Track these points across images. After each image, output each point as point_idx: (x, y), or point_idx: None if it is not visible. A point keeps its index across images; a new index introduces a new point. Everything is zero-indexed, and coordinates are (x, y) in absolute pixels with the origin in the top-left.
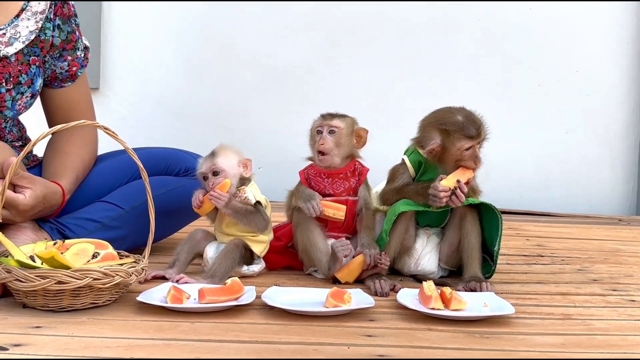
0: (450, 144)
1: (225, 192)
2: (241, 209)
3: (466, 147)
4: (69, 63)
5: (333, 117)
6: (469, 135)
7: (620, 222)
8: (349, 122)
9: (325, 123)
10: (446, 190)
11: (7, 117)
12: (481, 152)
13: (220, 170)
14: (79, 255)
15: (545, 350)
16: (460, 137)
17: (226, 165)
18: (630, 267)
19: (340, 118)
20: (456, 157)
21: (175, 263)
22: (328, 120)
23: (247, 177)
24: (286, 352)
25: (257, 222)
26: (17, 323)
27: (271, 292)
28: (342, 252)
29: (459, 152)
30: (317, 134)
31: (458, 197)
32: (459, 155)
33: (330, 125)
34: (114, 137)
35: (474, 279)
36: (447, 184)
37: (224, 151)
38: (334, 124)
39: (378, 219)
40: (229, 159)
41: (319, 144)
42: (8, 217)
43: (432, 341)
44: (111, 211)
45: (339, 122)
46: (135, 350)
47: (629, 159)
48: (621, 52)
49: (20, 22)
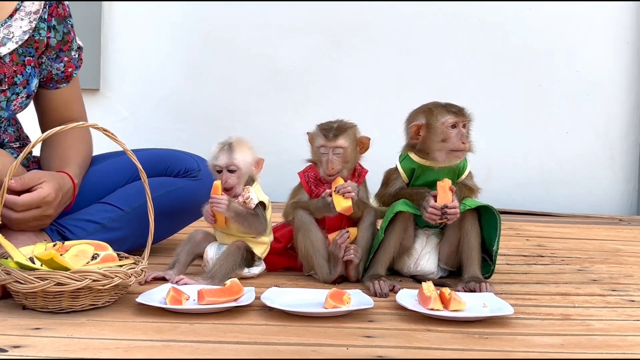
0: (434, 121)
1: (219, 194)
2: (242, 211)
3: (450, 123)
4: (65, 64)
5: (337, 137)
6: (451, 111)
7: (620, 222)
8: (352, 135)
9: (330, 145)
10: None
11: (2, 118)
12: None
13: (236, 169)
14: (78, 256)
15: (544, 351)
16: (443, 111)
17: (242, 163)
18: (630, 267)
19: (343, 134)
20: (442, 136)
21: (175, 264)
22: (332, 141)
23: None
24: (285, 353)
25: (256, 225)
26: (16, 324)
27: (270, 293)
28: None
29: (444, 129)
30: (322, 154)
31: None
32: (443, 132)
33: (335, 147)
34: (113, 138)
35: (473, 280)
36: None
37: (241, 147)
38: (339, 144)
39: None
40: (245, 157)
41: (328, 168)
42: (41, 214)
43: (431, 342)
44: (111, 212)
45: (343, 141)
46: (134, 351)
47: (629, 159)
48: (621, 51)
49: (13, 22)
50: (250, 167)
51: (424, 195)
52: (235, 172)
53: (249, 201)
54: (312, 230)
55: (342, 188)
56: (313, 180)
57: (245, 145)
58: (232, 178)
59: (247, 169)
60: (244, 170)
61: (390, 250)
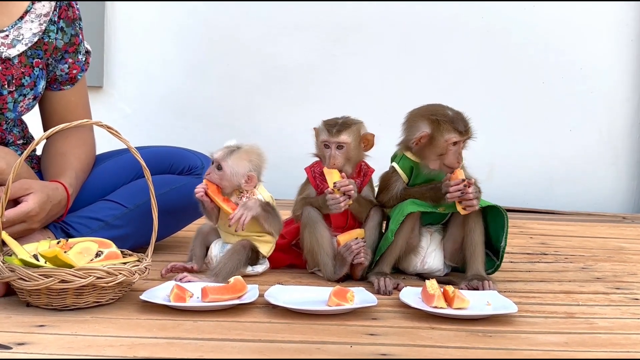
0: (439, 135)
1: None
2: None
3: (453, 141)
4: (70, 66)
5: (340, 132)
6: (458, 130)
7: (624, 220)
8: (355, 132)
9: (332, 140)
10: (458, 183)
11: (9, 119)
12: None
13: (222, 169)
14: (82, 254)
15: (548, 349)
16: (450, 128)
17: (230, 171)
18: (634, 265)
19: (347, 130)
20: (441, 150)
21: (192, 259)
22: (335, 136)
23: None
24: (289, 351)
25: (275, 224)
26: (20, 322)
27: (274, 290)
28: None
29: (445, 145)
30: (325, 148)
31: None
32: (444, 148)
33: (337, 142)
34: (117, 136)
35: (477, 277)
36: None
37: (240, 155)
38: (341, 140)
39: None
40: (237, 167)
41: (330, 163)
42: (26, 228)
43: (434, 340)
44: (115, 210)
45: (346, 136)
46: (138, 348)
47: (633, 157)
48: (625, 49)
49: (23, 24)
50: (239, 178)
51: (438, 186)
52: (221, 171)
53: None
54: (319, 227)
55: (343, 186)
56: (319, 175)
57: (246, 154)
58: (215, 175)
59: (236, 178)
60: (231, 177)
61: (397, 251)
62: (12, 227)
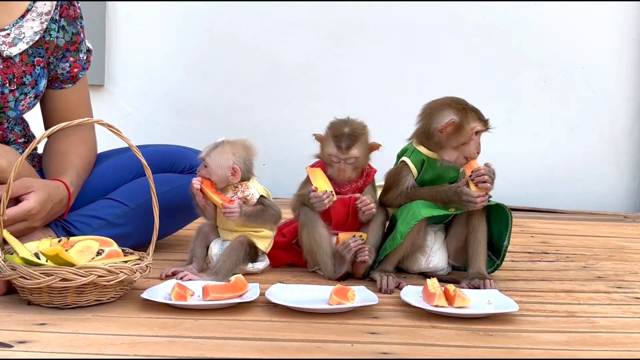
0: (465, 123)
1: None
2: (253, 211)
3: (477, 130)
4: (71, 64)
5: (349, 149)
6: (482, 119)
7: (625, 219)
8: (364, 143)
9: (342, 157)
10: (482, 195)
11: (10, 118)
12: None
13: (207, 165)
14: (83, 252)
15: (549, 348)
16: (475, 117)
17: (214, 164)
18: (635, 264)
19: (356, 145)
20: (465, 139)
21: (192, 260)
22: (345, 153)
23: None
24: (290, 350)
25: (269, 218)
26: (21, 320)
27: (275, 289)
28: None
29: (470, 134)
30: (334, 162)
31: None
32: (468, 137)
33: (347, 159)
34: (118, 134)
35: (478, 276)
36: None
37: (222, 148)
38: (351, 155)
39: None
40: (220, 160)
41: (339, 176)
42: (27, 226)
43: (435, 339)
44: (116, 208)
45: (356, 151)
46: (139, 347)
47: (634, 156)
48: (626, 48)
49: (25, 23)
50: (224, 172)
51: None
52: (207, 168)
53: (250, 197)
54: (317, 226)
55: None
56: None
57: (228, 147)
58: (203, 171)
59: (221, 171)
60: (216, 171)
61: (402, 251)
62: (14, 226)
